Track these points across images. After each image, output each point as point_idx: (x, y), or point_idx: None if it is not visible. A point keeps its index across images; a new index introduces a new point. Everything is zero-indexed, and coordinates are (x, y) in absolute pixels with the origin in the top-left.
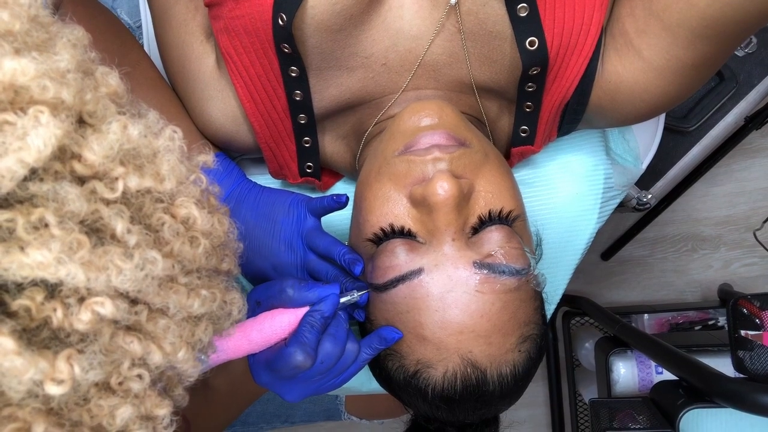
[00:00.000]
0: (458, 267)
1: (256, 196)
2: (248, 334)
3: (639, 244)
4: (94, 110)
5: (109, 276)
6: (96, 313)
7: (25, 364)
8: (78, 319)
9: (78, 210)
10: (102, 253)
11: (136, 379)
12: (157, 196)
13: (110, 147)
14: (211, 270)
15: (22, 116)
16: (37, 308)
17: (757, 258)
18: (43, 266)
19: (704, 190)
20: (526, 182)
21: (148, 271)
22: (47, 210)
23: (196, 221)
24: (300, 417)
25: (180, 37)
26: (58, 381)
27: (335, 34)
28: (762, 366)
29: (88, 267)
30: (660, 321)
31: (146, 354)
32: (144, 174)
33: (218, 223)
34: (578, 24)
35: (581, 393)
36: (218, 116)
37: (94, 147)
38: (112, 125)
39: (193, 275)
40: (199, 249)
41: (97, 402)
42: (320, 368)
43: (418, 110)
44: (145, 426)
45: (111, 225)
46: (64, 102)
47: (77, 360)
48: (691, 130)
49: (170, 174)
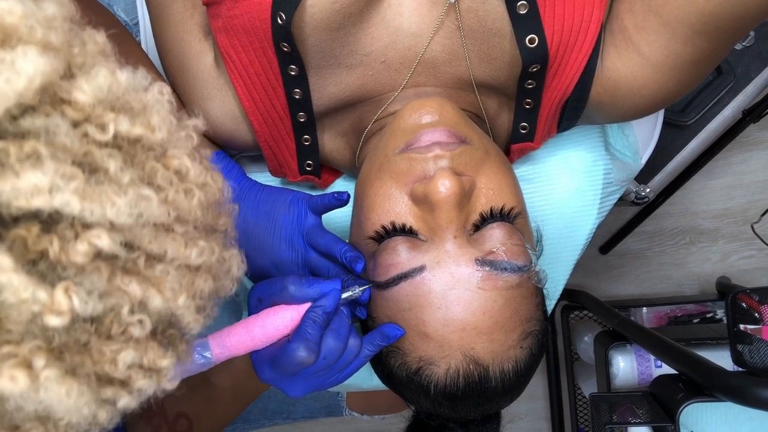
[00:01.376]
0: (460, 264)
1: (256, 195)
2: (251, 331)
3: (637, 237)
4: (83, 62)
5: (104, 208)
6: (93, 245)
7: (23, 281)
8: (75, 251)
9: (70, 145)
10: (96, 186)
11: (137, 324)
12: (148, 145)
13: (100, 88)
14: (208, 226)
15: (11, 51)
16: (33, 240)
17: (755, 250)
18: (38, 191)
19: (702, 183)
20: (525, 178)
21: (143, 208)
22: (39, 143)
23: (189, 172)
24: (301, 413)
25: (178, 35)
26: (57, 312)
27: (334, 33)
28: (761, 359)
29: (83, 197)
30: (659, 314)
31: (146, 298)
32: (135, 122)
33: (212, 179)
34: (578, 21)
35: (580, 386)
36: (217, 115)
37: (84, 87)
38: (101, 70)
39: (190, 226)
40: (194, 200)
41: (98, 347)
42: (323, 364)
43: (419, 108)
44: (149, 377)
45: (104, 165)
46: (51, 44)
47: (75, 292)
48: (689, 123)
49: (161, 125)
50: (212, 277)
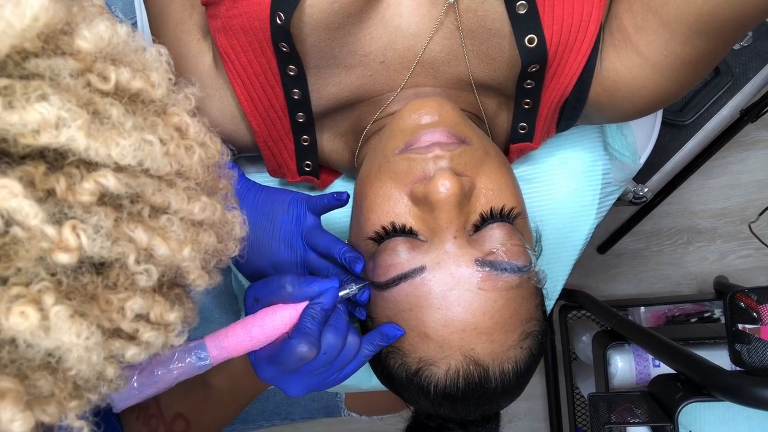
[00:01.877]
0: (460, 265)
1: (255, 195)
2: (249, 331)
3: (635, 237)
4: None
5: (109, 147)
6: (99, 184)
7: (33, 207)
8: (82, 189)
9: (74, 87)
10: (99, 127)
11: (144, 273)
12: (148, 100)
13: (101, 37)
14: (208, 186)
15: None
16: (40, 179)
17: (753, 250)
18: (45, 124)
19: (700, 182)
20: (524, 178)
21: (146, 152)
22: (44, 82)
23: (189, 129)
24: (300, 414)
25: (176, 35)
26: (65, 249)
27: (333, 33)
28: (759, 359)
29: (89, 134)
30: (656, 314)
31: (151, 246)
32: (135, 76)
33: (211, 140)
34: (577, 21)
35: (578, 386)
36: (216, 115)
37: (86, 35)
38: (101, 21)
39: (191, 182)
40: (195, 157)
41: (106, 297)
42: (324, 359)
43: (418, 108)
44: (157, 329)
45: (107, 111)
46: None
47: (83, 229)
48: (687, 123)
49: (161, 81)
50: (215, 234)
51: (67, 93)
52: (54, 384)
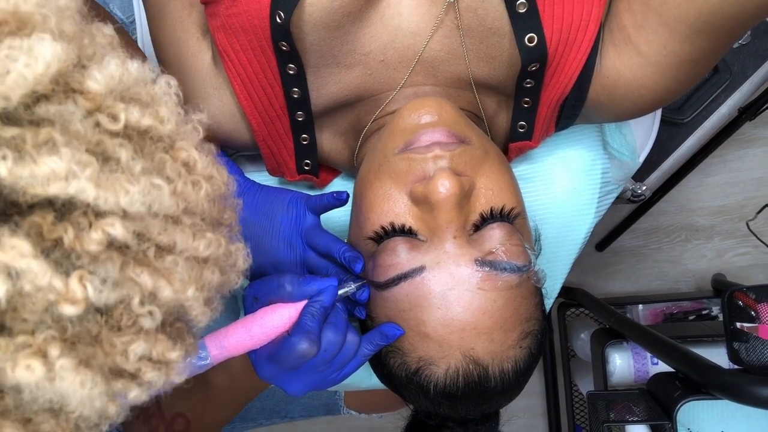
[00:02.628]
0: (460, 264)
1: (254, 195)
2: (249, 330)
3: (633, 234)
4: (93, 54)
5: (118, 196)
6: (107, 234)
7: (42, 267)
8: (89, 239)
9: (83, 133)
10: (109, 174)
11: (147, 315)
12: (157, 137)
13: (111, 77)
14: (214, 219)
15: (27, 39)
16: (48, 228)
17: (750, 247)
18: (54, 177)
19: (698, 180)
20: (524, 177)
21: (154, 197)
22: (54, 130)
23: (196, 164)
24: (299, 412)
25: (175, 34)
26: (72, 301)
27: (333, 32)
28: (757, 357)
29: (98, 184)
30: (655, 311)
31: (156, 289)
32: (145, 113)
33: (217, 172)
34: (577, 20)
35: (576, 383)
36: (215, 114)
37: (96, 76)
38: (112, 60)
39: (197, 218)
40: (201, 192)
41: (109, 339)
42: (324, 357)
43: (418, 107)
44: (158, 369)
45: (116, 154)
46: (65, 32)
47: (90, 280)
48: (685, 121)
49: (170, 116)
50: (219, 269)
51: (77, 140)
52: (56, 425)
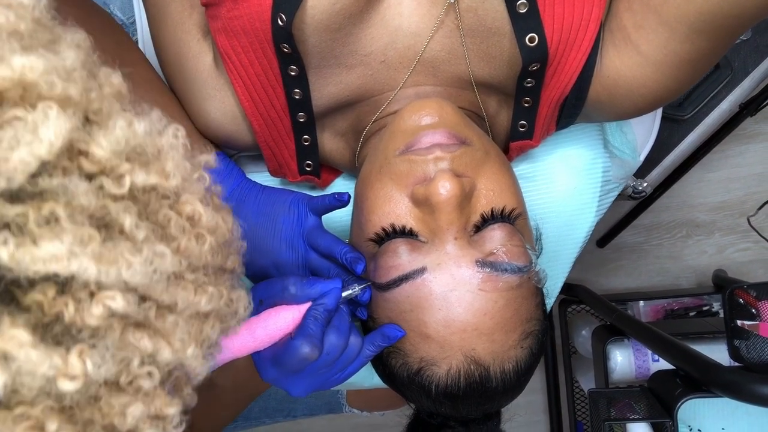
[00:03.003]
0: (461, 266)
1: (256, 196)
2: (253, 332)
3: (634, 230)
4: (100, 108)
5: (120, 269)
6: (107, 308)
7: (41, 356)
8: (90, 314)
9: (87, 204)
10: (112, 247)
11: (146, 376)
12: (163, 193)
13: (117, 142)
14: (217, 268)
15: (32, 111)
16: (49, 303)
17: (751, 243)
18: (55, 259)
19: (699, 176)
20: (525, 176)
21: (157, 265)
22: (57, 204)
23: (201, 218)
24: (302, 411)
25: (176, 35)
26: (71, 377)
27: (334, 33)
28: (758, 355)
29: (99, 260)
30: (656, 308)
31: (156, 351)
32: (150, 171)
33: (222, 220)
34: (577, 19)
35: (578, 380)
36: (217, 115)
37: (102, 142)
38: (118, 121)
39: (200, 272)
40: (205, 246)
41: (107, 401)
42: (326, 360)
43: (419, 109)
44: (156, 425)
45: (119, 220)
46: (71, 98)
47: (89, 355)
48: (686, 118)
49: (175, 171)
50: (219, 320)
51: (80, 214)
52: None
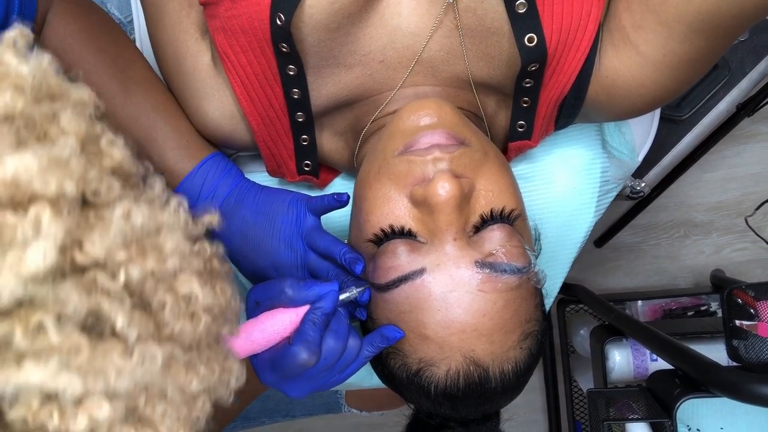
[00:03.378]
0: (460, 266)
1: (255, 195)
2: (251, 335)
3: (632, 230)
4: (98, 189)
5: (108, 378)
6: (93, 418)
7: None
8: (75, 423)
9: (79, 309)
10: (101, 353)
11: None
12: (159, 276)
13: (113, 238)
14: (211, 340)
15: (23, 217)
16: (33, 416)
17: (748, 243)
18: (41, 378)
19: (697, 176)
20: (523, 176)
21: (147, 366)
22: (46, 314)
23: (197, 298)
24: (301, 411)
25: (174, 34)
26: None
27: (333, 33)
28: (756, 355)
29: (87, 372)
30: (654, 307)
31: None
32: (147, 256)
33: (221, 292)
34: (576, 20)
35: (576, 379)
36: (215, 115)
37: (96, 240)
38: (115, 211)
39: (193, 351)
40: (200, 326)
41: None
42: (324, 364)
43: (417, 109)
44: None
45: (111, 318)
46: (66, 194)
47: None
48: (684, 118)
49: (174, 252)
50: (210, 395)
51: (69, 322)
52: None
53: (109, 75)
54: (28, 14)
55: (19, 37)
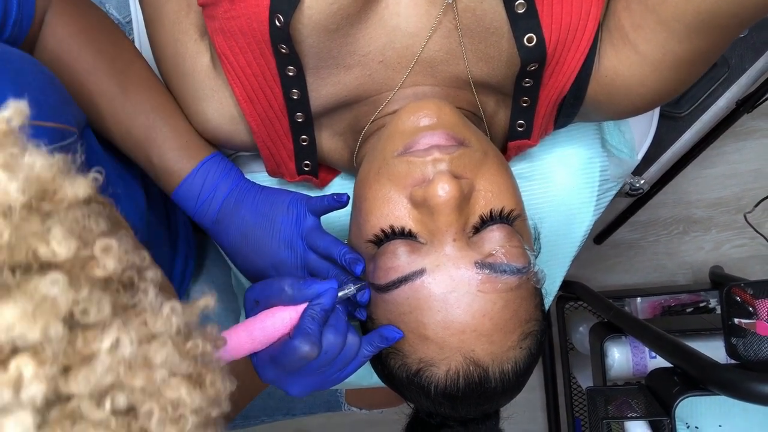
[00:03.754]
0: (460, 267)
1: (254, 196)
2: (251, 333)
3: (631, 227)
4: (87, 308)
5: None
6: None
7: None
8: None
9: None
10: None
11: None
12: (149, 391)
13: (97, 381)
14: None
15: (2, 373)
16: None
17: (747, 239)
18: None
19: (696, 172)
20: (523, 176)
21: None
22: None
23: (185, 404)
24: (301, 409)
25: (173, 35)
26: None
27: (332, 34)
28: (755, 352)
29: None
30: (653, 304)
31: None
32: (135, 375)
33: (210, 385)
34: (575, 19)
35: (575, 376)
36: (214, 116)
37: (81, 379)
38: (103, 343)
39: None
40: (187, 426)
41: None
42: (325, 358)
43: (417, 110)
44: None
45: None
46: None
47: None
48: (683, 115)
49: (164, 364)
50: None
51: None
52: None
53: (108, 76)
54: (26, 14)
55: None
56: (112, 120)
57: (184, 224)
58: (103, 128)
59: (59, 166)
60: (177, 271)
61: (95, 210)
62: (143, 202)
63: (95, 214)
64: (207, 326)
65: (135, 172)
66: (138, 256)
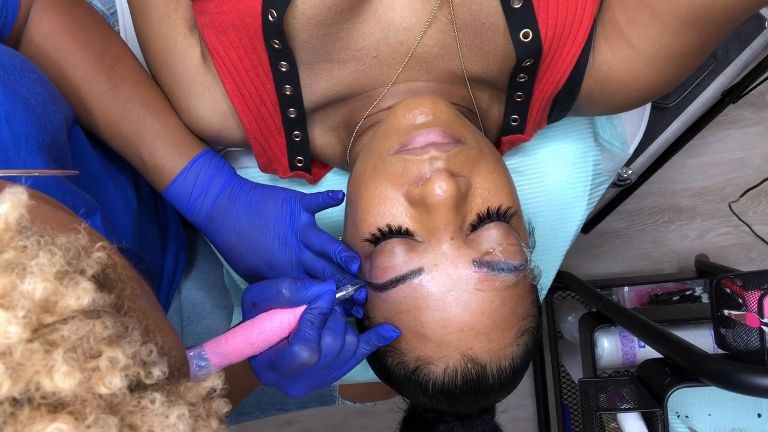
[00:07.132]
0: (458, 266)
1: (248, 193)
2: (249, 338)
3: (618, 216)
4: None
5: None
6: None
7: None
8: None
9: None
10: None
11: None
12: None
13: None
14: None
15: None
16: None
17: (731, 227)
18: None
19: (681, 162)
20: (516, 170)
21: None
22: None
23: None
24: (295, 404)
25: (162, 30)
26: None
27: (326, 28)
28: (743, 343)
29: None
30: (640, 293)
31: None
32: None
33: None
34: (571, 15)
35: (564, 364)
36: (206, 112)
37: None
38: None
39: None
40: None
41: None
42: (324, 362)
43: (412, 107)
44: None
45: None
46: None
47: None
48: (670, 105)
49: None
50: None
51: None
52: None
53: (96, 72)
54: (11, 8)
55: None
56: (101, 117)
57: (173, 219)
58: (92, 125)
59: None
60: (168, 267)
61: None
62: (133, 198)
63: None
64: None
65: (124, 169)
66: (145, 349)
